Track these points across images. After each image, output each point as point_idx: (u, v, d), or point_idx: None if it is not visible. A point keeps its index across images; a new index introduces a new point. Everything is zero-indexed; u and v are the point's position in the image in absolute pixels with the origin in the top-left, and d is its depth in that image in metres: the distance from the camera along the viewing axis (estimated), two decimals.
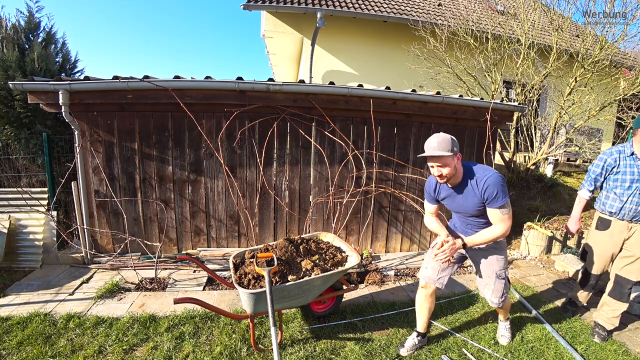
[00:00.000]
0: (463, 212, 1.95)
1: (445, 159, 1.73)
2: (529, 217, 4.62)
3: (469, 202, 1.87)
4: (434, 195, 2.01)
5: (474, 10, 6.83)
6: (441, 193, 1.99)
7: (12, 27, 4.29)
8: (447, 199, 1.97)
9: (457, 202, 1.91)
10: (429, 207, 2.10)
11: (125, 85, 2.97)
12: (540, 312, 2.72)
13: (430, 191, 2.03)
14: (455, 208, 1.98)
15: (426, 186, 2.07)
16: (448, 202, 1.98)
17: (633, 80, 5.20)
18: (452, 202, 1.95)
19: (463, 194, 1.87)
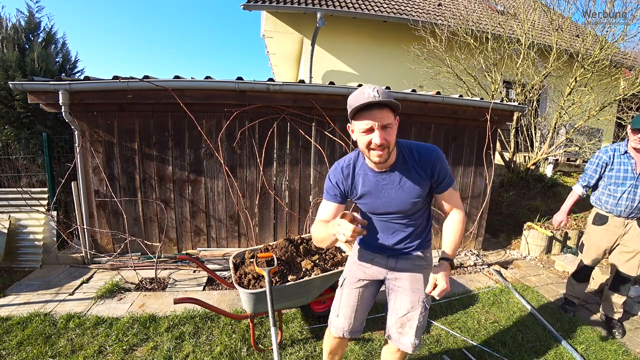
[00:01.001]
0: (394, 211, 1.33)
1: (391, 116, 1.16)
2: (529, 217, 4.63)
3: (409, 192, 1.30)
4: (346, 188, 1.34)
5: (474, 10, 6.83)
6: (359, 185, 1.32)
7: (13, 27, 4.29)
8: (369, 195, 1.33)
9: (388, 195, 1.31)
10: (326, 210, 1.36)
11: (125, 85, 2.97)
12: (540, 312, 2.72)
13: (338, 182, 1.34)
14: (381, 207, 1.34)
15: (330, 176, 1.36)
16: (370, 200, 1.34)
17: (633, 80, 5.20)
18: (378, 197, 1.32)
19: (399, 180, 1.29)
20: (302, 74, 6.97)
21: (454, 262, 1.46)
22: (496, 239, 4.52)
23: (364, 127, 1.14)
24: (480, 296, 2.95)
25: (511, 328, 2.47)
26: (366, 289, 1.51)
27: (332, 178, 1.36)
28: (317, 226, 1.28)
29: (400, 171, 1.30)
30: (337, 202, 1.35)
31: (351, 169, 1.34)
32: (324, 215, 1.35)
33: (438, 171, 1.30)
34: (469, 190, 3.97)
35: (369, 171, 1.32)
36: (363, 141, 1.17)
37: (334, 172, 1.36)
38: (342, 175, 1.34)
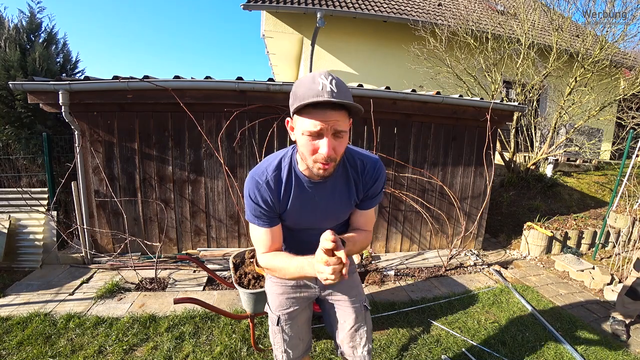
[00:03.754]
0: (321, 225, 1.12)
1: (346, 121, 0.93)
2: (529, 217, 4.62)
3: (341, 204, 1.13)
4: (275, 204, 1.08)
5: (474, 10, 6.83)
6: (290, 199, 1.09)
7: (14, 27, 4.30)
8: (298, 208, 1.10)
9: (319, 207, 1.12)
10: (265, 237, 1.11)
11: (125, 85, 2.98)
12: (540, 312, 2.72)
13: (268, 201, 1.06)
14: (308, 221, 1.15)
15: (252, 195, 1.07)
16: (297, 214, 1.12)
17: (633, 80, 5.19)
18: (307, 211, 1.11)
19: (332, 189, 1.10)
20: (302, 74, 6.97)
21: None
22: (496, 239, 4.52)
23: (311, 129, 0.88)
24: (480, 296, 2.94)
25: (511, 328, 2.47)
26: (303, 313, 1.35)
27: (257, 197, 1.05)
28: (274, 260, 1.09)
29: (337, 180, 1.10)
30: (273, 225, 1.11)
31: (282, 181, 1.06)
32: (266, 243, 1.11)
33: (375, 187, 1.15)
34: (469, 190, 3.97)
35: (303, 180, 1.07)
36: (306, 147, 0.92)
37: (258, 189, 1.05)
38: (270, 192, 1.05)
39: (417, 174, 3.80)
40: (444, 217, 3.90)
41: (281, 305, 1.31)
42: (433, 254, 3.81)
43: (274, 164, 1.09)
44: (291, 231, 1.20)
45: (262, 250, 1.13)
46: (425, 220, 3.83)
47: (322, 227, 1.05)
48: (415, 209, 3.85)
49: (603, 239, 4.16)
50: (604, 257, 4.03)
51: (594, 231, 4.24)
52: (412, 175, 3.79)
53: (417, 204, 3.83)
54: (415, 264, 3.61)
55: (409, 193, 3.81)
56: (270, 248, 1.12)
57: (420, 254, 3.87)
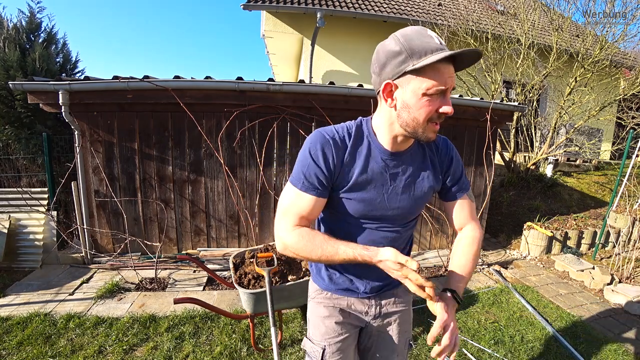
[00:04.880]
0: (393, 214, 0.94)
1: None
2: (529, 217, 4.62)
3: (420, 187, 0.95)
4: (337, 171, 0.88)
5: (474, 10, 6.83)
6: (357, 169, 0.88)
7: (14, 27, 4.30)
8: (367, 186, 0.89)
9: (393, 189, 0.91)
10: (307, 205, 0.88)
11: (125, 85, 2.98)
12: (540, 312, 2.72)
13: (327, 161, 0.86)
14: (379, 206, 0.92)
15: (312, 150, 0.86)
16: (365, 194, 0.90)
17: (633, 80, 5.20)
18: (379, 191, 0.90)
19: (411, 169, 0.94)
20: (302, 74, 6.97)
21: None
22: (496, 239, 4.52)
23: (440, 87, 0.76)
24: (480, 296, 2.95)
25: (511, 328, 2.47)
26: (352, 345, 1.09)
27: (317, 153, 0.85)
28: (310, 237, 0.85)
29: (414, 157, 0.95)
30: (317, 196, 0.87)
31: (351, 143, 0.89)
32: (302, 214, 0.88)
33: (454, 167, 1.00)
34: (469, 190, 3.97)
35: (378, 150, 0.90)
36: (424, 110, 0.78)
37: (322, 144, 0.85)
38: (336, 150, 0.86)
39: None
40: (444, 217, 3.89)
41: (328, 333, 1.02)
42: (433, 254, 3.81)
43: (351, 125, 0.92)
44: (352, 223, 0.94)
45: (294, 222, 0.88)
46: (425, 220, 3.83)
47: (393, 216, 0.94)
48: None
49: (603, 239, 4.16)
50: (604, 257, 4.03)
51: (594, 231, 4.24)
52: None
53: None
54: None
55: None
56: (304, 222, 0.90)
57: (420, 254, 3.87)
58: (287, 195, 0.90)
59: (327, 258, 0.84)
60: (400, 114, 0.81)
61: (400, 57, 0.76)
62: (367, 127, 0.92)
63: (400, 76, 0.78)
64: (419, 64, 0.73)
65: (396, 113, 0.82)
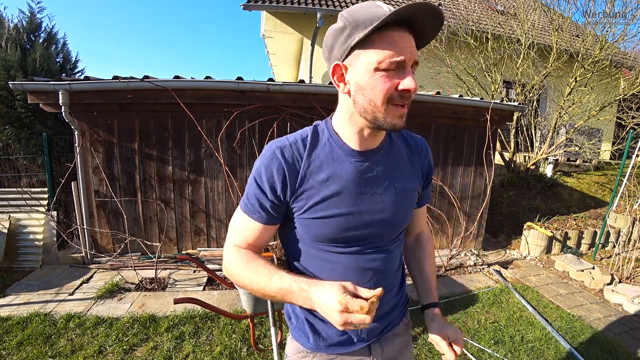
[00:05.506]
0: (382, 228, 0.76)
1: None
2: (529, 217, 4.62)
3: (404, 193, 0.79)
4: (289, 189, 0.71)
5: (474, 10, 6.83)
6: (319, 180, 0.71)
7: (15, 27, 4.30)
8: (339, 198, 0.72)
9: (374, 198, 0.74)
10: (252, 232, 0.78)
11: (125, 85, 2.98)
12: (540, 312, 2.72)
13: (273, 180, 0.70)
14: (362, 221, 0.74)
15: (259, 170, 0.72)
16: (338, 208, 0.72)
17: (633, 80, 5.20)
18: (356, 202, 0.73)
19: (392, 168, 0.78)
20: (302, 74, 6.97)
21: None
22: (496, 239, 4.52)
23: (390, 60, 0.61)
24: (480, 296, 2.95)
25: (511, 328, 2.47)
26: None
27: (260, 173, 0.70)
28: (250, 261, 0.72)
29: (391, 155, 0.78)
30: (262, 223, 0.74)
31: (307, 152, 0.71)
32: (247, 238, 0.78)
33: (430, 168, 0.87)
34: (469, 190, 3.97)
35: (343, 152, 0.72)
36: (379, 89, 0.63)
37: (267, 162, 0.70)
38: (287, 166, 0.69)
39: None
40: (444, 217, 3.89)
41: None
42: None
43: (306, 131, 0.77)
44: (319, 256, 0.76)
45: (237, 243, 0.79)
46: None
47: (376, 234, 0.76)
48: None
49: (603, 239, 4.16)
50: (604, 257, 4.03)
51: (594, 231, 4.24)
52: None
53: None
54: None
55: None
56: (249, 247, 0.78)
57: None
58: (235, 215, 0.83)
59: (259, 286, 0.68)
60: (356, 98, 0.67)
61: (345, 32, 0.64)
62: (326, 127, 0.77)
63: (348, 54, 0.65)
64: (363, 34, 0.61)
65: (351, 99, 0.69)
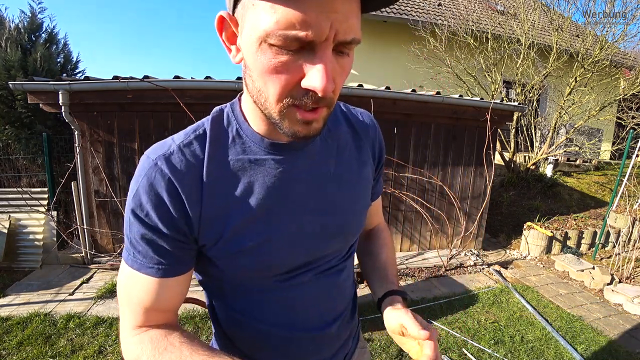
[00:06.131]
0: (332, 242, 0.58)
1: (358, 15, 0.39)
2: (529, 217, 4.62)
3: (354, 186, 0.59)
4: (186, 221, 0.47)
5: (474, 10, 6.83)
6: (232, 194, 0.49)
7: (15, 27, 4.31)
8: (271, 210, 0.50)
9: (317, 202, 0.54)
10: (150, 293, 0.48)
11: (125, 85, 2.98)
12: (540, 312, 2.72)
13: (161, 210, 0.46)
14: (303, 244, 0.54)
15: (141, 197, 0.47)
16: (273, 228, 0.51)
17: (633, 80, 5.20)
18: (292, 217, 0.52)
19: (334, 160, 0.57)
20: None
21: None
22: (496, 239, 4.52)
23: (294, 31, 0.35)
24: (480, 296, 2.95)
25: (511, 328, 2.47)
26: None
27: (140, 201, 0.48)
28: (144, 348, 0.48)
29: (327, 143, 0.57)
30: (162, 275, 0.49)
31: (208, 154, 0.52)
32: (148, 307, 0.50)
33: (380, 153, 0.66)
34: (469, 190, 3.97)
35: (260, 148, 0.51)
36: (271, 77, 0.39)
37: (149, 182, 0.50)
38: (179, 181, 0.50)
39: (417, 174, 3.80)
40: (444, 217, 3.89)
41: None
42: (433, 254, 3.81)
43: (202, 123, 0.55)
44: (256, 295, 0.58)
45: (138, 321, 0.51)
46: (425, 220, 3.83)
47: (326, 252, 0.58)
48: (415, 209, 3.85)
49: (603, 239, 4.16)
50: (604, 257, 4.03)
51: (594, 231, 4.24)
52: (412, 175, 3.79)
53: (417, 204, 3.83)
54: (415, 264, 3.61)
55: (409, 193, 3.81)
56: (158, 316, 0.52)
57: (420, 254, 3.87)
58: (120, 275, 0.52)
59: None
60: (246, 79, 0.45)
61: None
62: (233, 115, 0.53)
63: (237, 3, 0.40)
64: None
65: (245, 76, 0.45)
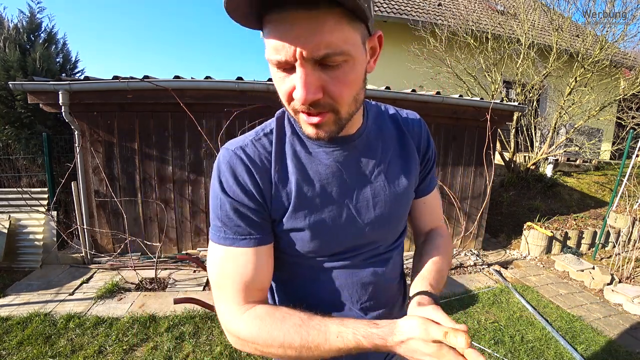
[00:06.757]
0: (378, 230, 0.63)
1: (340, 29, 0.44)
2: (529, 217, 4.62)
3: (398, 183, 0.65)
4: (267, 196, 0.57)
5: (474, 10, 6.83)
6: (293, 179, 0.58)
7: (14, 27, 4.30)
8: (326, 196, 0.59)
9: (365, 192, 0.61)
10: (246, 266, 0.55)
11: (125, 85, 2.98)
12: (540, 312, 2.72)
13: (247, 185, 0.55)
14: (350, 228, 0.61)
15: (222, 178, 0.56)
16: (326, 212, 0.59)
17: (633, 80, 5.20)
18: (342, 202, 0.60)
19: (380, 156, 0.64)
20: None
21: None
22: (496, 239, 4.52)
23: (273, 57, 0.47)
24: (480, 296, 2.94)
25: (511, 328, 2.47)
26: None
27: (228, 181, 0.56)
28: (268, 322, 0.53)
29: (375, 140, 0.63)
30: (256, 244, 0.56)
31: (275, 147, 0.60)
32: (246, 282, 0.55)
33: (432, 150, 0.71)
34: (469, 190, 3.97)
35: (315, 144, 0.59)
36: (279, 89, 0.52)
37: (232, 165, 0.57)
38: (255, 166, 0.57)
39: None
40: (444, 217, 3.89)
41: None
42: None
43: (269, 122, 0.64)
44: (306, 275, 0.63)
45: (240, 299, 0.56)
46: None
47: (372, 239, 0.63)
48: None
49: (603, 239, 4.16)
50: (604, 257, 4.03)
51: (594, 231, 4.24)
52: None
53: None
54: None
55: None
56: (257, 294, 0.57)
57: None
58: (212, 260, 0.57)
59: (312, 351, 0.51)
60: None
61: None
62: (292, 117, 0.58)
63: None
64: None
65: None
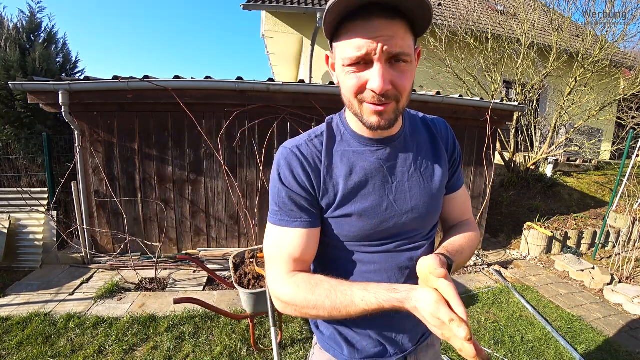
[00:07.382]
0: (414, 221, 0.73)
1: (408, 38, 0.58)
2: (529, 217, 4.62)
3: (431, 179, 0.75)
4: (318, 186, 0.69)
5: (474, 10, 6.83)
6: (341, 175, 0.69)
7: (14, 27, 4.30)
8: (369, 187, 0.70)
9: (400, 188, 0.71)
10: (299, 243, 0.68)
11: (125, 85, 2.98)
12: (540, 312, 2.72)
13: (301, 178, 0.69)
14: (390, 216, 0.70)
15: (282, 172, 0.70)
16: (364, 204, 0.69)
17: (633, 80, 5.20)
18: (382, 196, 0.70)
19: (414, 157, 0.74)
20: (302, 74, 6.97)
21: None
22: (496, 239, 4.52)
23: (353, 54, 0.56)
24: (480, 296, 2.95)
25: (511, 328, 2.47)
26: None
27: (285, 173, 0.69)
28: (314, 289, 0.63)
29: (411, 141, 0.75)
30: (305, 227, 0.68)
31: (325, 146, 0.71)
32: (296, 256, 0.67)
33: (458, 150, 0.82)
34: (469, 190, 3.97)
35: (359, 142, 0.71)
36: (349, 86, 0.60)
37: (288, 160, 0.69)
38: (307, 162, 0.69)
39: None
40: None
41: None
42: None
43: (320, 126, 0.76)
44: (349, 258, 0.73)
45: (287, 269, 0.68)
46: None
47: (409, 228, 0.73)
48: None
49: (603, 239, 4.16)
50: (604, 257, 4.03)
51: (594, 231, 4.24)
52: None
53: None
54: None
55: None
56: (301, 266, 0.69)
57: None
58: (269, 237, 0.72)
59: (341, 312, 0.61)
60: (343, 94, 0.65)
61: (324, 19, 0.58)
62: (340, 120, 0.76)
63: (331, 45, 0.64)
64: (327, 25, 0.58)
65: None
